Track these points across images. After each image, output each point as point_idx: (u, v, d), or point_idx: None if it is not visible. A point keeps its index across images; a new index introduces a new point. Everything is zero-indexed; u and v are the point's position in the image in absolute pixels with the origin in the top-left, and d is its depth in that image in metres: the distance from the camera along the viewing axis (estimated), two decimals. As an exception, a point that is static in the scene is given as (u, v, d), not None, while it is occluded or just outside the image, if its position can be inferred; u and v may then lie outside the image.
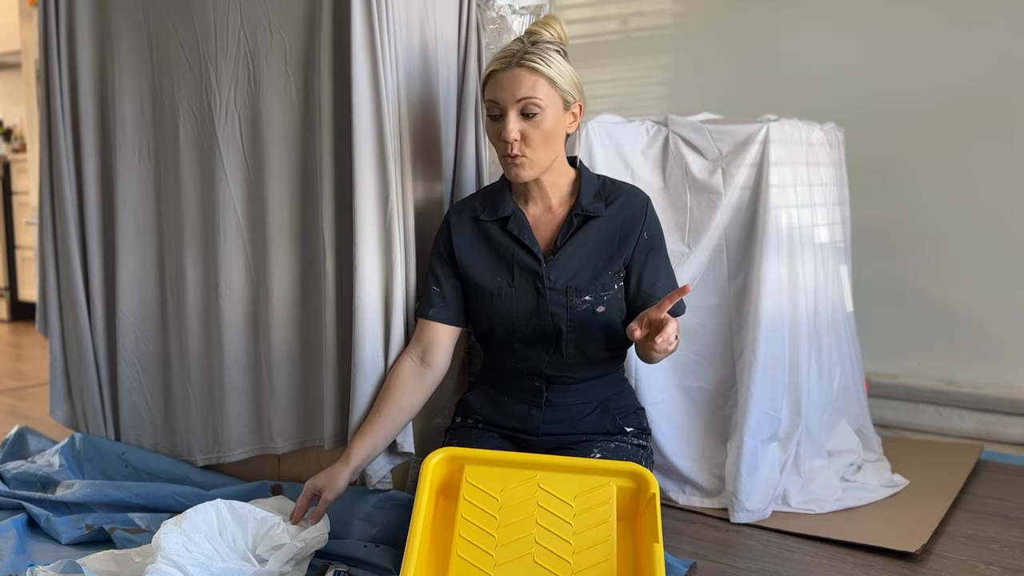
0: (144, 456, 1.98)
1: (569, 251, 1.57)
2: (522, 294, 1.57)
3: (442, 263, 1.63)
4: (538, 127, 1.50)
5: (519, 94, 1.49)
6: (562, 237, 1.57)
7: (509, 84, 1.49)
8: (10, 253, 4.69)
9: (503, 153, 1.53)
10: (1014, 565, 1.68)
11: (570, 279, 1.57)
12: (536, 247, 1.57)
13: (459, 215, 1.64)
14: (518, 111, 1.49)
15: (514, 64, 1.49)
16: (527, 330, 1.58)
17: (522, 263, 1.58)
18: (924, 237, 2.66)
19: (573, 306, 1.56)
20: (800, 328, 1.97)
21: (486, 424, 1.67)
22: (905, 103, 2.66)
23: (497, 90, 1.51)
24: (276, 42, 1.74)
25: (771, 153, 1.93)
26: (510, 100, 1.49)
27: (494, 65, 1.52)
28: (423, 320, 1.64)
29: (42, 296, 2.16)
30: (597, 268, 1.57)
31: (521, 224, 1.59)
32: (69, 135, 2.05)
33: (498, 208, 1.61)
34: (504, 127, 1.50)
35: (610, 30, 3.28)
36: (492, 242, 1.61)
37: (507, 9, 1.87)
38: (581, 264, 1.57)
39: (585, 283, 1.56)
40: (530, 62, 1.49)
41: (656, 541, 1.28)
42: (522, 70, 1.49)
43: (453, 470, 1.43)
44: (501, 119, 1.51)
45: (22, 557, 1.65)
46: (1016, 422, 2.47)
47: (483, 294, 1.60)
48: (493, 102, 1.52)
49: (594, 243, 1.58)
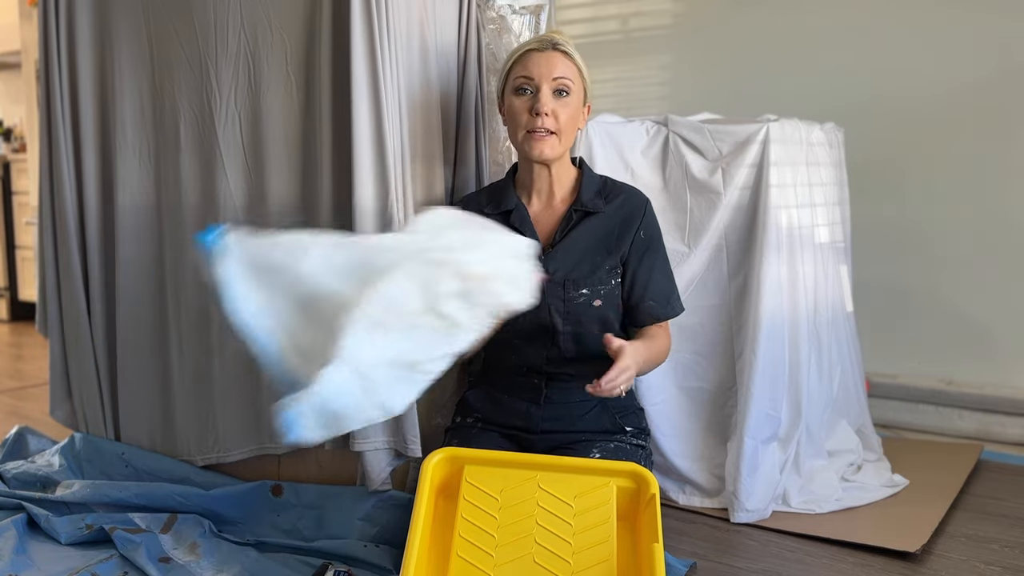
0: (144, 456, 1.98)
1: (568, 245, 1.61)
2: None
3: None
4: (567, 107, 1.57)
5: (555, 72, 1.56)
6: (561, 231, 1.61)
7: (547, 63, 1.57)
8: (10, 253, 4.68)
9: (529, 128, 1.57)
10: (1014, 565, 1.68)
11: (568, 272, 1.59)
12: (536, 239, 1.59)
13: (464, 209, 1.64)
14: (552, 88, 1.56)
15: (550, 47, 1.58)
16: (525, 323, 1.58)
17: None
18: (924, 237, 2.66)
19: (570, 299, 1.59)
20: (800, 328, 1.97)
21: (486, 423, 1.67)
22: (905, 103, 2.66)
23: (533, 67, 1.57)
24: (276, 42, 1.74)
25: (771, 153, 1.93)
26: (546, 76, 1.56)
27: (531, 45, 1.59)
28: None
29: (42, 296, 2.16)
30: (594, 263, 1.60)
31: (523, 218, 1.63)
32: (69, 135, 2.05)
33: (501, 202, 1.65)
34: (538, 100, 1.55)
35: (610, 30, 3.28)
36: None
37: (507, 9, 1.87)
38: (579, 258, 1.60)
39: (582, 276, 1.59)
40: (563, 46, 1.59)
41: (656, 541, 1.28)
42: (558, 53, 1.58)
43: (453, 470, 1.43)
44: (532, 94, 1.57)
45: (22, 557, 1.65)
46: (1016, 422, 2.47)
47: None
48: (527, 78, 1.57)
49: (592, 239, 1.61)
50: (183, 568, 1.61)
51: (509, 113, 1.61)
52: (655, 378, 1.95)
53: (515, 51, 1.62)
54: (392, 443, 1.67)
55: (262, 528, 1.78)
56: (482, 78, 1.84)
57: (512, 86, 1.60)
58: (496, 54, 1.86)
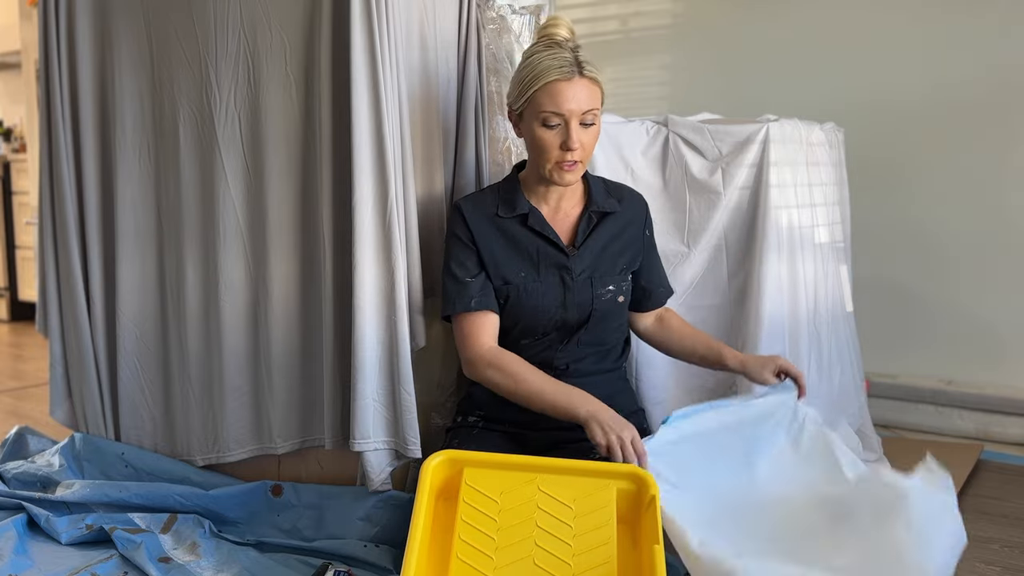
0: (144, 456, 1.98)
1: (591, 244, 1.63)
2: (548, 288, 1.60)
3: (468, 253, 1.61)
4: (592, 134, 1.54)
5: (585, 106, 1.50)
6: (583, 232, 1.62)
7: (575, 96, 1.49)
8: (10, 253, 4.69)
9: (558, 160, 1.53)
10: (1014, 565, 1.68)
11: (594, 271, 1.62)
12: (560, 241, 1.61)
13: (473, 209, 1.63)
14: (580, 121, 1.51)
15: (576, 74, 1.49)
16: (549, 323, 1.61)
17: (547, 256, 1.61)
18: (924, 237, 2.66)
19: (598, 296, 1.61)
20: (800, 328, 1.97)
21: (488, 421, 1.67)
22: (905, 103, 2.66)
23: (563, 102, 1.49)
24: (276, 42, 1.74)
25: (771, 153, 1.93)
26: (575, 113, 1.49)
27: (554, 75, 1.49)
28: (470, 314, 1.58)
29: (42, 296, 2.16)
30: (615, 261, 1.64)
31: (541, 222, 1.62)
32: (69, 135, 2.05)
33: (514, 206, 1.62)
34: (569, 137, 1.50)
35: (610, 30, 3.28)
36: (512, 238, 1.61)
37: (507, 9, 1.86)
38: (600, 256, 1.64)
39: (608, 274, 1.63)
40: (589, 71, 1.51)
41: (657, 543, 1.27)
42: (585, 80, 1.50)
43: (453, 473, 1.42)
44: (562, 128, 1.51)
45: (22, 557, 1.65)
46: (1016, 422, 2.47)
47: (508, 289, 1.61)
48: (555, 114, 1.50)
49: (609, 238, 1.64)
50: (183, 568, 1.61)
51: (534, 142, 1.54)
52: (656, 378, 1.95)
53: (538, 73, 1.51)
54: (392, 443, 1.67)
55: (262, 528, 1.78)
56: (482, 78, 1.84)
57: (538, 117, 1.52)
58: (496, 54, 1.85)
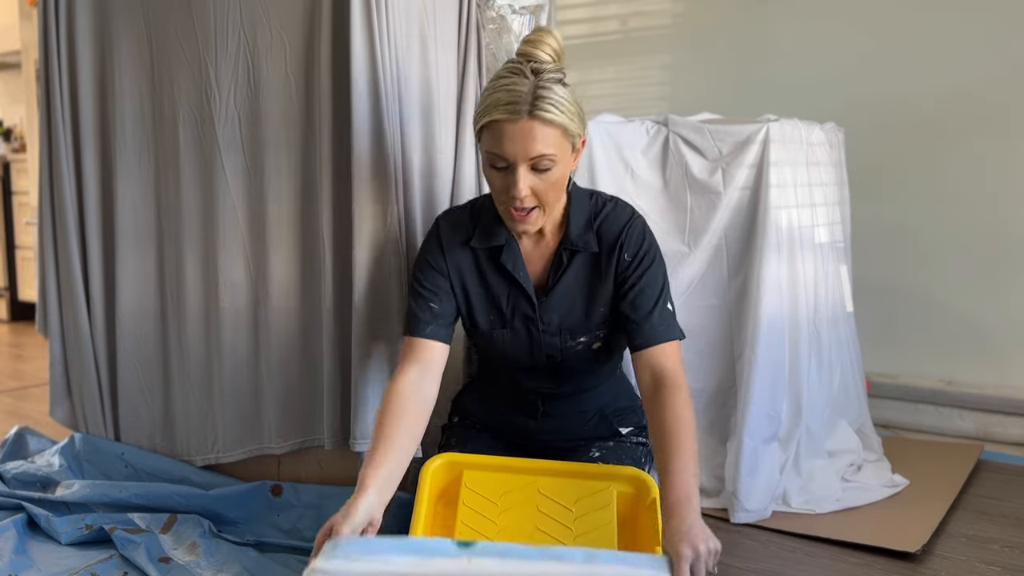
0: (144, 456, 1.98)
1: (561, 290, 1.46)
2: (516, 336, 1.49)
3: (435, 276, 1.48)
4: (549, 180, 1.33)
5: (532, 152, 1.29)
6: (553, 276, 1.46)
7: (520, 139, 1.28)
8: (10, 253, 4.68)
9: (506, 205, 1.36)
10: (1014, 565, 1.68)
11: (563, 320, 1.47)
12: (529, 286, 1.46)
13: (451, 231, 1.49)
14: (529, 166, 1.31)
15: (523, 114, 1.28)
16: (522, 364, 1.53)
17: (515, 305, 1.48)
18: (924, 237, 2.66)
19: (568, 348, 1.49)
20: (800, 328, 1.97)
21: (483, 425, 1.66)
22: (905, 103, 2.66)
23: (506, 144, 1.29)
24: (276, 42, 1.74)
25: (771, 153, 1.93)
26: (521, 157, 1.30)
27: (498, 114, 1.29)
28: (418, 339, 1.44)
29: (42, 296, 2.16)
30: (589, 305, 1.47)
31: (515, 258, 1.46)
32: (69, 135, 2.05)
33: (490, 235, 1.46)
34: (514, 184, 1.31)
35: (610, 30, 3.28)
36: (484, 276, 1.49)
37: (507, 9, 1.86)
38: (572, 302, 1.47)
39: (579, 323, 1.47)
40: (542, 112, 1.28)
41: (657, 544, 1.27)
42: (534, 123, 1.28)
43: (452, 476, 1.42)
44: (507, 171, 1.33)
45: (22, 557, 1.65)
46: (1016, 422, 2.47)
47: (476, 330, 1.52)
48: (497, 155, 1.31)
49: (583, 277, 1.46)
50: (183, 568, 1.61)
51: (485, 175, 1.37)
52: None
53: (486, 107, 1.31)
54: (392, 443, 1.67)
55: (262, 528, 1.78)
56: (482, 78, 1.83)
57: (485, 155, 1.35)
58: (496, 54, 1.85)
